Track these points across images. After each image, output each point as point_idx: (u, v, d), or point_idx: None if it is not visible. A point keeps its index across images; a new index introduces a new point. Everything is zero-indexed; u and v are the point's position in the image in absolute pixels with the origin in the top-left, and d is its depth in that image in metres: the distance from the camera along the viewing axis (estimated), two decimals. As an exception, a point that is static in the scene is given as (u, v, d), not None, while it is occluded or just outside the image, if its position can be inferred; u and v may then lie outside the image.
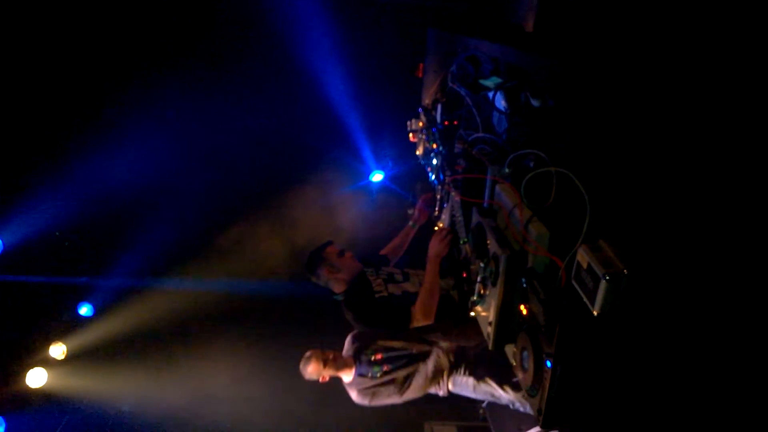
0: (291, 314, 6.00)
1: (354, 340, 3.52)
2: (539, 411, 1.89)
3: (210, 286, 6.18)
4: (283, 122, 5.96)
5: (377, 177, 6.38)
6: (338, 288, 3.48)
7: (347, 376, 3.45)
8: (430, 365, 3.36)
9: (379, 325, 3.35)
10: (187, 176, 5.96)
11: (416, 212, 3.96)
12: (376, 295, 3.32)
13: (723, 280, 1.67)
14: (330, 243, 3.59)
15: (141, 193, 5.90)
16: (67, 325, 5.96)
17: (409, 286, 3.49)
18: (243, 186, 6.15)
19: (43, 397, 5.65)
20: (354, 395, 3.50)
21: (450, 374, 3.42)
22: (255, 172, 6.14)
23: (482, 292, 2.29)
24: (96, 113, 5.55)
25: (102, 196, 5.73)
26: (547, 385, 1.80)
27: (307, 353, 3.46)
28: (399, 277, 3.59)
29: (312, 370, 3.40)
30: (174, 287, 6.16)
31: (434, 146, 3.46)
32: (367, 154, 6.33)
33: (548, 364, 1.79)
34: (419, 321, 3.13)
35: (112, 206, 5.84)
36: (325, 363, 3.38)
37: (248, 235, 6.25)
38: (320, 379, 3.43)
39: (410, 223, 3.99)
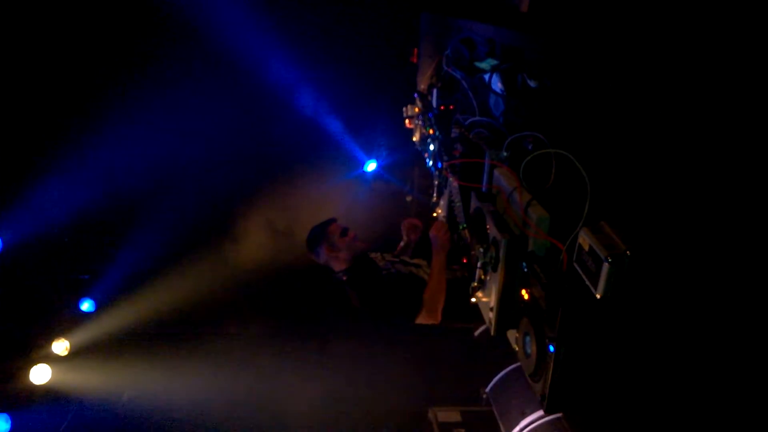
0: (291, 308, 6.00)
1: None
2: (543, 396, 1.87)
3: (210, 280, 6.17)
4: (275, 113, 5.92)
5: (372, 166, 6.37)
6: (338, 266, 3.16)
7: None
8: None
9: (385, 309, 3.01)
10: (185, 172, 5.95)
11: (405, 236, 3.59)
12: (383, 272, 3.05)
13: (726, 261, 1.64)
14: (333, 220, 3.29)
15: (141, 189, 5.89)
16: (69, 321, 5.96)
17: (414, 270, 3.23)
18: (240, 180, 6.13)
19: (48, 393, 5.66)
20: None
21: None
22: (251, 166, 6.11)
23: (483, 277, 2.27)
24: (93, 112, 5.52)
25: (101, 192, 5.71)
26: (551, 370, 1.79)
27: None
28: (407, 259, 3.36)
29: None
30: (174, 282, 6.15)
31: (431, 132, 3.43)
32: (362, 143, 6.30)
33: (551, 348, 1.77)
34: (423, 319, 2.91)
35: (111, 203, 5.83)
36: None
37: (246, 229, 6.25)
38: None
39: (402, 243, 3.62)
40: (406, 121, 4.28)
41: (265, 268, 6.15)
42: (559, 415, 3.86)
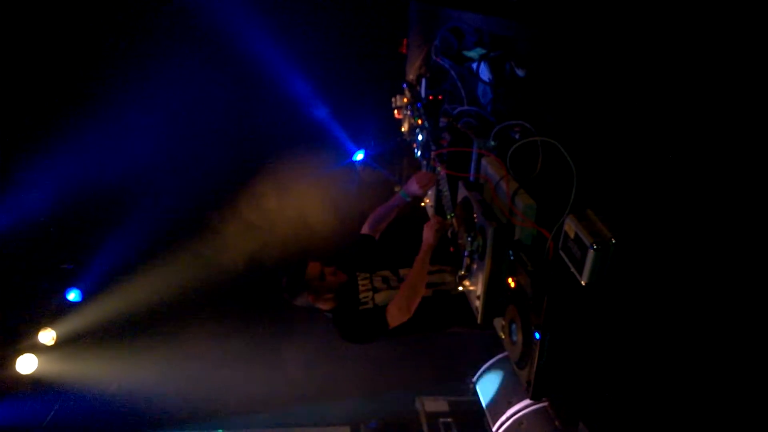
0: (277, 298, 5.98)
1: None
2: (528, 383, 1.89)
3: (197, 269, 6.14)
4: (264, 105, 5.88)
5: (360, 157, 6.39)
6: (326, 306, 3.10)
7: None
8: None
9: (362, 339, 3.00)
10: (172, 161, 5.89)
11: (413, 185, 3.27)
12: (360, 308, 2.99)
13: (711, 248, 1.66)
14: (306, 263, 3.08)
15: (127, 179, 5.82)
16: (55, 311, 5.90)
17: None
18: (228, 172, 6.09)
19: (34, 383, 5.62)
20: None
21: None
22: (241, 155, 6.07)
23: (470, 265, 2.28)
24: (80, 104, 5.45)
25: (87, 181, 5.64)
26: (536, 357, 1.80)
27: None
28: (394, 282, 3.13)
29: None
30: (161, 271, 6.12)
31: (419, 122, 3.42)
32: (351, 133, 6.29)
33: (537, 335, 1.79)
34: (395, 317, 2.77)
35: (97, 192, 5.76)
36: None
37: (234, 219, 6.21)
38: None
39: (399, 191, 3.36)
40: (395, 111, 4.27)
41: (253, 258, 6.14)
42: (545, 404, 3.91)
